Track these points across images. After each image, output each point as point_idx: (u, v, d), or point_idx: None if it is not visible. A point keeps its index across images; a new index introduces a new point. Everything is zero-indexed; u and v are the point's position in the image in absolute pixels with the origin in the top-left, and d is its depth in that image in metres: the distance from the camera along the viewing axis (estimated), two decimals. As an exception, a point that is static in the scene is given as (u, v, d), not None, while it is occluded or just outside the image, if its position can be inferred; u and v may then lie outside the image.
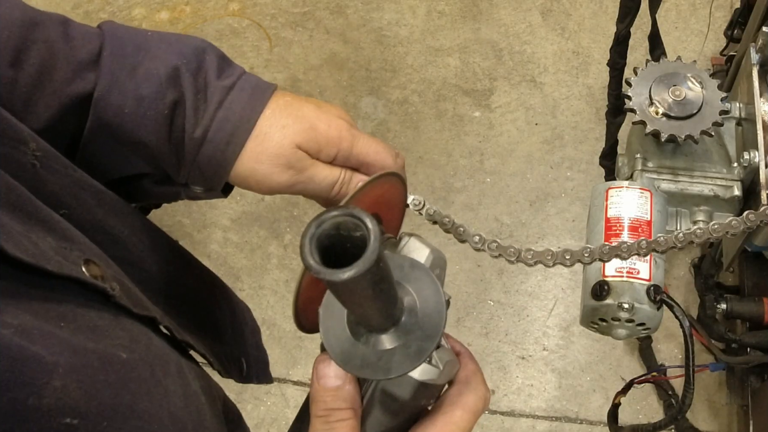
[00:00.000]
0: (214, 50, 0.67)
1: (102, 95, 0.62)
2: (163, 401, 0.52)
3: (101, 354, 0.47)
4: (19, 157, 0.53)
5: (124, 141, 0.64)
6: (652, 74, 1.02)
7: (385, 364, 0.49)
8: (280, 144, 0.64)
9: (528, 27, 2.62)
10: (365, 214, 0.40)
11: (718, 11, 2.36)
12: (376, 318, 0.48)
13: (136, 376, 0.50)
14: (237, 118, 0.64)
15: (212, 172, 0.65)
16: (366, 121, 2.49)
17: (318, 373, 0.53)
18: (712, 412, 1.96)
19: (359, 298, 0.43)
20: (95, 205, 0.62)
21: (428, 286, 0.52)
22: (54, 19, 0.63)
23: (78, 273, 0.50)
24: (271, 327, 2.14)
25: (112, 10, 2.78)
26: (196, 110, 0.64)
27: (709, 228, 0.72)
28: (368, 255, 0.39)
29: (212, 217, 2.34)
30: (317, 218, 0.41)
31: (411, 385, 0.53)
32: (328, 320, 0.51)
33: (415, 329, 0.50)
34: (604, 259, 0.68)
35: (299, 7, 2.74)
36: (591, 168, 2.32)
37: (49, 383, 0.41)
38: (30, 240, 0.48)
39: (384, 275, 0.43)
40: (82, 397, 0.43)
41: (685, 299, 2.08)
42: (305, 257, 0.39)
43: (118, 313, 0.53)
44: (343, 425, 0.52)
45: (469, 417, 0.55)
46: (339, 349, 0.50)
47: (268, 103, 0.66)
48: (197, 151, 0.64)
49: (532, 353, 2.09)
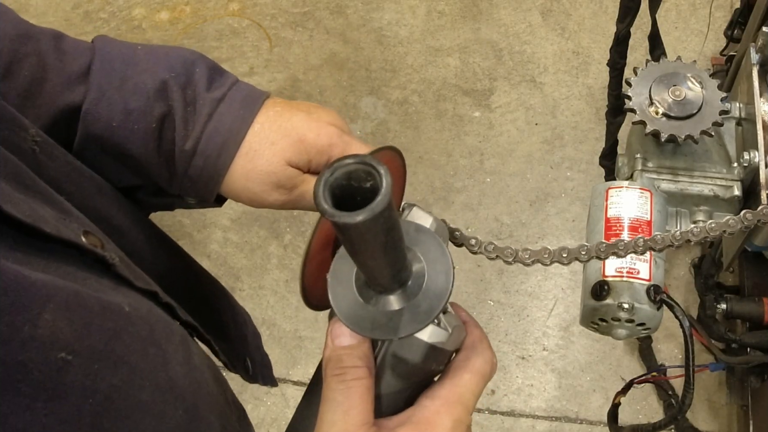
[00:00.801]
0: (205, 61, 0.68)
1: (90, 108, 0.63)
2: (161, 364, 0.52)
3: (102, 301, 0.48)
4: (19, 142, 0.54)
5: (114, 154, 0.65)
6: (652, 74, 1.02)
7: (396, 325, 0.50)
8: (270, 161, 0.65)
9: (528, 27, 2.62)
10: (376, 160, 0.41)
11: (718, 11, 2.36)
12: (386, 274, 0.49)
13: (133, 331, 0.50)
14: (227, 130, 0.65)
15: (204, 184, 0.66)
16: (366, 121, 2.49)
17: (333, 333, 0.53)
18: (712, 412, 1.96)
19: (371, 247, 0.44)
20: (96, 193, 0.62)
21: (435, 249, 0.53)
22: (46, 33, 0.65)
23: (77, 239, 0.51)
24: (271, 327, 2.14)
25: (112, 10, 2.78)
26: (186, 123, 0.65)
27: (707, 227, 0.72)
28: (382, 197, 0.39)
29: (212, 217, 2.34)
30: (330, 166, 0.42)
31: (421, 348, 0.53)
32: (337, 286, 0.52)
33: (423, 290, 0.51)
34: (602, 257, 0.68)
35: (299, 7, 2.74)
36: (591, 168, 2.32)
37: (41, 315, 0.42)
38: (28, 205, 0.48)
39: (395, 224, 0.44)
40: (72, 335, 0.44)
41: (685, 299, 2.08)
42: (320, 202, 0.40)
43: (119, 284, 0.54)
44: (359, 384, 0.52)
45: (477, 380, 0.55)
46: (349, 313, 0.51)
47: (258, 114, 0.67)
48: (188, 163, 0.65)
49: (532, 353, 2.09)
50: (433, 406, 0.53)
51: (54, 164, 0.57)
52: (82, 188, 0.60)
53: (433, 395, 0.54)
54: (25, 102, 0.61)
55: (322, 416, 0.52)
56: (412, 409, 0.54)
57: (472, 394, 0.55)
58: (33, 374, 0.41)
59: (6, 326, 0.40)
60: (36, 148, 0.55)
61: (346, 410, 0.51)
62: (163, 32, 2.73)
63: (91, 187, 0.62)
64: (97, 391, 0.45)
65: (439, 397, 0.54)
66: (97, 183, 0.63)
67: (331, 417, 0.51)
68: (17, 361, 0.40)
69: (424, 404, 0.54)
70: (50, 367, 0.42)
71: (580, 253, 0.68)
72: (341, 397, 0.51)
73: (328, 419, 0.51)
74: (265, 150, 0.65)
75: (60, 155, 0.59)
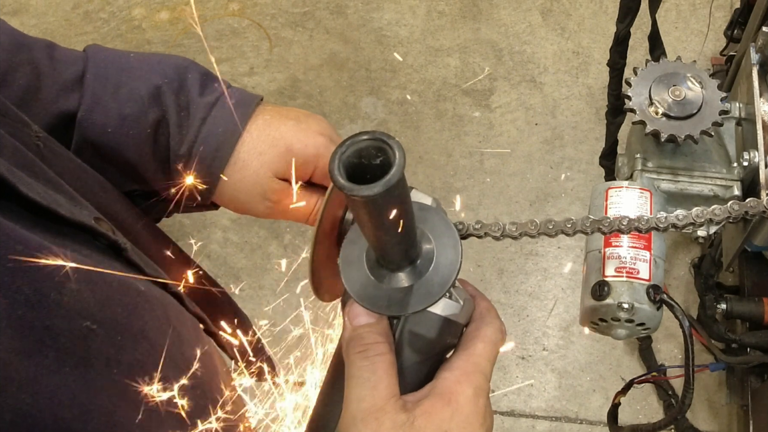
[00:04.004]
0: (197, 67, 0.69)
1: (85, 115, 0.64)
2: (177, 344, 0.54)
3: (119, 278, 0.49)
4: (24, 137, 0.55)
5: (110, 159, 0.67)
6: (652, 74, 1.02)
7: (409, 300, 0.51)
8: (257, 173, 0.67)
9: (528, 27, 2.62)
10: (387, 135, 0.43)
11: (718, 11, 2.36)
12: (400, 249, 0.50)
13: (149, 308, 0.52)
14: (221, 133, 0.66)
15: (199, 188, 0.67)
16: (366, 121, 2.49)
17: (350, 314, 0.54)
18: (712, 412, 1.96)
19: (387, 220, 0.45)
20: (100, 190, 0.63)
21: (441, 224, 0.55)
22: (39, 43, 0.66)
23: (89, 222, 0.52)
24: (270, 327, 2.14)
25: (112, 10, 2.78)
26: (180, 127, 0.66)
27: (692, 214, 0.73)
28: (396, 168, 0.41)
29: (212, 217, 2.34)
30: (342, 144, 0.43)
31: (436, 322, 0.55)
32: (349, 269, 0.53)
33: (434, 265, 0.53)
34: (587, 232, 0.70)
35: (299, 7, 2.74)
36: (591, 168, 2.32)
37: (66, 283, 0.43)
38: (42, 189, 0.49)
39: (407, 196, 0.45)
40: (96, 305, 0.45)
41: (685, 299, 2.08)
42: (336, 178, 0.42)
43: (130, 269, 0.55)
44: (383, 359, 0.53)
45: (490, 348, 0.57)
46: (364, 293, 0.52)
47: (250, 120, 0.68)
48: (183, 167, 0.66)
49: (532, 353, 2.09)
50: (453, 376, 0.55)
51: (58, 160, 0.58)
52: (86, 184, 0.61)
53: (451, 367, 0.56)
54: (21, 109, 0.62)
55: (349, 394, 0.52)
56: (433, 382, 0.55)
57: (488, 361, 0.56)
58: (60, 340, 0.42)
59: (34, 291, 0.41)
60: (40, 144, 0.57)
61: (374, 385, 0.52)
62: (163, 32, 2.73)
63: (94, 184, 0.63)
64: (121, 362, 0.46)
65: (457, 368, 0.55)
66: (100, 181, 0.64)
67: (358, 393, 0.52)
68: (45, 326, 0.41)
69: (444, 376, 0.55)
70: (76, 335, 0.43)
71: (566, 225, 0.70)
72: (367, 373, 0.52)
73: (356, 395, 0.52)
74: (253, 160, 0.67)
75: (63, 152, 0.60)
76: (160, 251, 0.70)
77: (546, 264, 2.21)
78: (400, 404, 0.52)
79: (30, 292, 0.41)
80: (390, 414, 0.51)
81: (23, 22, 2.77)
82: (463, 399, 0.53)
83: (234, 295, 0.87)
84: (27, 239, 0.43)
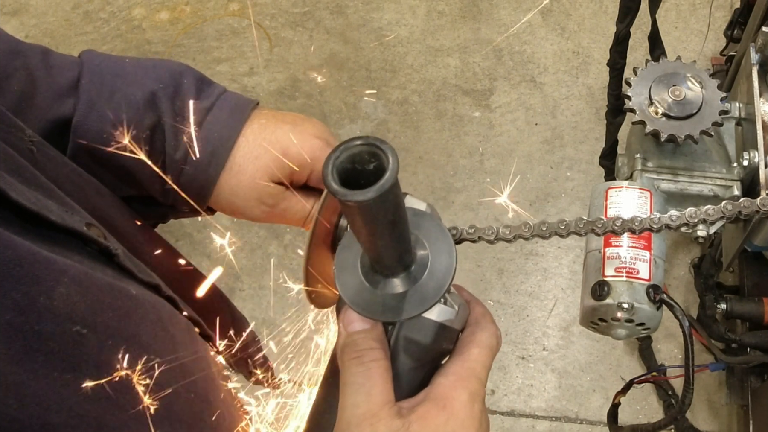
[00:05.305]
0: (192, 72, 0.69)
1: (81, 120, 0.64)
2: (170, 347, 0.54)
3: (110, 283, 0.49)
4: (17, 142, 0.55)
5: (106, 164, 0.66)
6: (652, 74, 1.02)
7: (404, 306, 0.51)
8: (253, 177, 0.67)
9: (528, 27, 2.62)
10: (381, 140, 0.43)
11: (718, 11, 2.36)
12: (394, 254, 0.50)
13: (142, 313, 0.51)
14: (217, 138, 0.66)
15: (195, 192, 0.68)
16: (366, 121, 2.49)
17: (345, 321, 0.54)
18: (712, 412, 1.96)
19: (380, 225, 0.45)
20: (95, 194, 0.63)
21: (435, 230, 0.54)
22: (35, 49, 0.66)
23: (80, 227, 0.52)
24: (271, 327, 2.14)
25: (112, 10, 2.78)
26: (176, 132, 0.66)
27: (686, 214, 0.73)
28: (390, 173, 0.41)
29: (212, 217, 2.34)
30: (335, 150, 0.43)
31: (431, 327, 0.54)
32: (343, 276, 0.53)
33: (428, 270, 0.52)
34: (580, 233, 0.70)
35: (299, 7, 2.74)
36: (591, 168, 2.32)
37: (56, 288, 0.43)
38: (33, 195, 0.49)
39: (401, 201, 0.45)
40: (87, 310, 0.45)
41: (685, 299, 2.07)
42: (330, 183, 0.42)
43: (122, 275, 0.55)
44: (378, 365, 0.53)
45: (485, 353, 0.57)
46: (358, 299, 0.52)
47: (246, 124, 0.68)
48: (179, 171, 0.67)
49: (532, 353, 2.09)
50: (448, 382, 0.55)
51: (51, 165, 0.58)
52: (80, 188, 0.61)
53: (446, 372, 0.56)
54: (16, 116, 0.62)
55: (344, 401, 0.52)
56: (428, 388, 0.55)
57: (483, 366, 0.56)
58: (49, 344, 0.42)
59: (22, 296, 0.41)
60: (33, 149, 0.56)
61: (368, 391, 0.52)
62: (163, 32, 2.73)
63: (89, 188, 0.63)
64: (112, 367, 0.46)
65: (453, 373, 0.55)
66: (95, 185, 0.64)
67: (353, 400, 0.52)
68: (34, 330, 0.41)
69: (439, 382, 0.55)
70: (66, 339, 0.43)
71: (559, 227, 0.70)
72: (362, 379, 0.52)
73: (351, 402, 0.52)
74: (249, 165, 0.67)
75: (57, 157, 0.60)
76: (155, 255, 0.70)
77: (546, 264, 2.21)
78: (395, 410, 0.52)
79: (19, 297, 0.41)
80: (385, 420, 0.51)
81: (23, 22, 2.77)
82: (459, 404, 0.53)
83: (234, 296, 0.87)
84: (16, 244, 0.42)
